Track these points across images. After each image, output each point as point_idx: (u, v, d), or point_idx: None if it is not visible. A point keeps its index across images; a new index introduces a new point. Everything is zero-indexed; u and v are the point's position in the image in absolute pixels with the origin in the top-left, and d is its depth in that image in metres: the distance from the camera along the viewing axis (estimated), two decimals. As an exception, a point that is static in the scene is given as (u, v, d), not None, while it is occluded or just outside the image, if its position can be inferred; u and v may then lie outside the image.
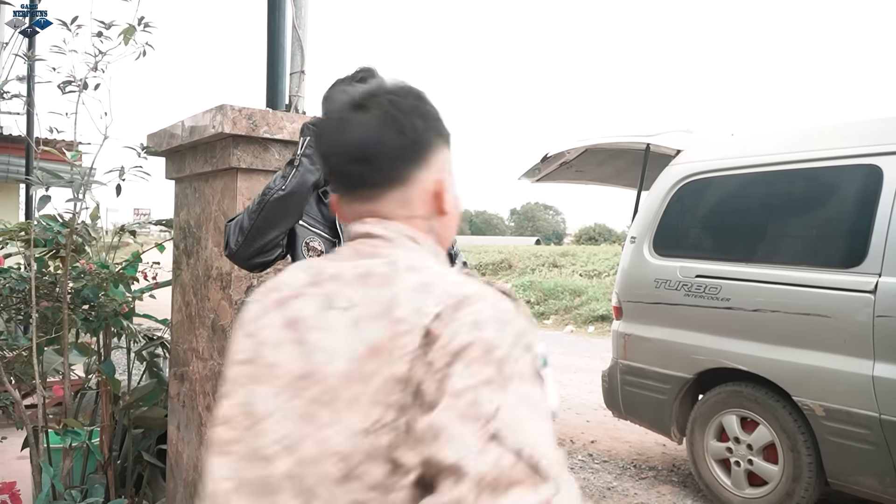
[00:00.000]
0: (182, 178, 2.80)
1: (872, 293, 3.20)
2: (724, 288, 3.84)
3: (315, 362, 0.84)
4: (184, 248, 2.78)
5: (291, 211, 1.74)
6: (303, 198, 1.74)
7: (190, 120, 2.48)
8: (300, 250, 1.79)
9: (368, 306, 0.83)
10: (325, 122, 1.01)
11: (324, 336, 0.85)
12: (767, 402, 3.66)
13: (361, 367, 0.80)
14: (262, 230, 1.72)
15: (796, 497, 3.53)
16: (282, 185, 1.71)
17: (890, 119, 3.51)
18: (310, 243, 1.80)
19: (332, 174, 0.96)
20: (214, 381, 2.41)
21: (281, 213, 1.72)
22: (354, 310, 0.84)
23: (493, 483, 0.69)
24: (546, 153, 5.74)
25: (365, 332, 0.81)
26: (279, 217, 1.73)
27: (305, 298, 0.90)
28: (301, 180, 1.72)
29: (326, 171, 0.97)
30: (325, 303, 0.87)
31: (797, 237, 3.74)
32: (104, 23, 2.55)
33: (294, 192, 1.71)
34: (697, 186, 4.22)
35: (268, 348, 0.89)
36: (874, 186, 3.35)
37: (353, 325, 0.83)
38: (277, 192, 1.70)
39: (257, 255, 1.76)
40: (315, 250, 1.79)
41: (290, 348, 0.87)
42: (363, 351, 0.80)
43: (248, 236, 1.73)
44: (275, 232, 1.73)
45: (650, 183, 4.59)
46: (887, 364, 3.14)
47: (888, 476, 3.17)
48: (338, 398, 0.81)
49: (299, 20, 2.64)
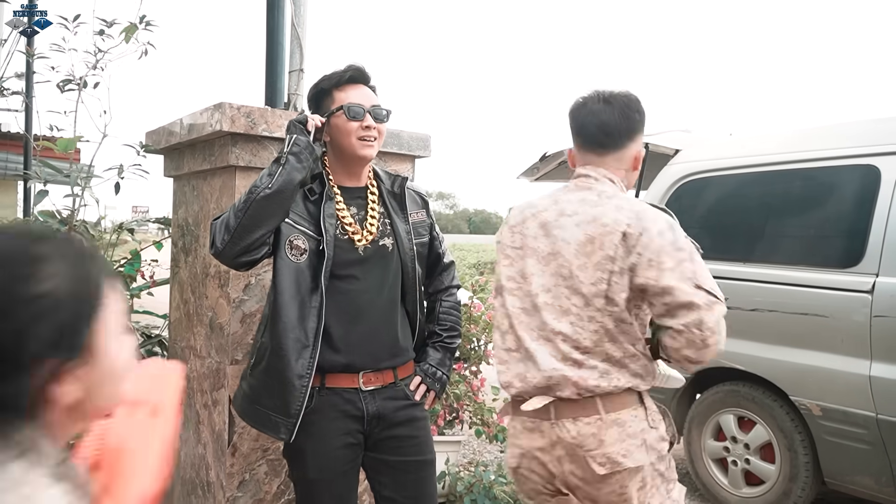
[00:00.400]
0: (180, 175, 2.80)
1: (870, 293, 3.20)
2: (722, 287, 3.83)
3: (558, 246, 1.70)
4: (182, 245, 2.79)
5: (277, 209, 1.74)
6: (289, 196, 1.74)
7: (188, 118, 2.48)
8: (283, 248, 1.78)
9: (585, 216, 1.68)
10: (581, 107, 1.79)
11: (561, 231, 1.70)
12: (765, 401, 3.66)
13: (583, 249, 1.66)
14: (249, 228, 1.71)
15: (793, 496, 3.54)
16: (268, 183, 1.70)
17: (888, 119, 3.52)
18: (293, 241, 1.79)
19: (582, 138, 1.79)
20: (212, 379, 2.42)
21: (268, 212, 1.72)
22: (577, 216, 1.70)
23: (707, 305, 1.62)
24: (545, 152, 5.73)
25: (585, 229, 1.67)
26: (266, 215, 1.72)
27: (548, 211, 1.76)
28: (288, 178, 1.71)
29: (578, 137, 1.80)
30: (559, 213, 1.73)
31: (795, 237, 3.74)
32: (106, 21, 2.55)
33: (280, 190, 1.71)
34: (696, 186, 4.22)
35: (530, 238, 1.76)
36: (872, 187, 3.35)
37: (576, 225, 1.69)
38: (264, 191, 1.69)
39: (243, 254, 1.75)
40: (298, 248, 1.78)
41: (543, 238, 1.74)
42: (584, 240, 1.66)
43: (234, 235, 1.72)
44: (261, 230, 1.73)
45: (649, 182, 4.58)
46: (884, 364, 3.14)
47: (884, 475, 3.17)
48: (572, 265, 1.67)
49: (298, 18, 2.64)
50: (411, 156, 2.64)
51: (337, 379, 1.83)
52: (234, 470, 2.29)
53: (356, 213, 1.89)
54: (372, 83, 1.92)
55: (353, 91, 1.86)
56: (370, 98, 1.88)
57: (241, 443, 2.30)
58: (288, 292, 1.77)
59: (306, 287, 1.78)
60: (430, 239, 2.05)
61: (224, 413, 2.30)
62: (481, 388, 3.78)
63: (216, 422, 2.37)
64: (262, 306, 2.33)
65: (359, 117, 1.82)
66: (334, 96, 1.86)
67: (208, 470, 2.43)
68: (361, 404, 1.84)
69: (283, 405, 1.76)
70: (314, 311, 1.77)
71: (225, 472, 2.28)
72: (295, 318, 1.76)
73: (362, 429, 1.86)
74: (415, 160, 2.67)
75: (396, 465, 1.89)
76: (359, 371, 1.84)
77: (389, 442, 1.89)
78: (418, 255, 1.96)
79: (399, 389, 1.91)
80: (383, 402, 1.86)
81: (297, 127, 1.79)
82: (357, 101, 1.83)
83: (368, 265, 1.86)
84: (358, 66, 1.89)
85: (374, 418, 1.85)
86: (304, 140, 1.76)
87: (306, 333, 1.76)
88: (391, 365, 1.89)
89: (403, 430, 1.90)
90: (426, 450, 1.95)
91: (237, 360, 2.29)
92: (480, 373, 3.82)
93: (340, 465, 1.83)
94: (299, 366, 1.75)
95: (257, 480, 2.33)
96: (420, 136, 2.63)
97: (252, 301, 2.32)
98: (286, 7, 2.67)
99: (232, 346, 2.29)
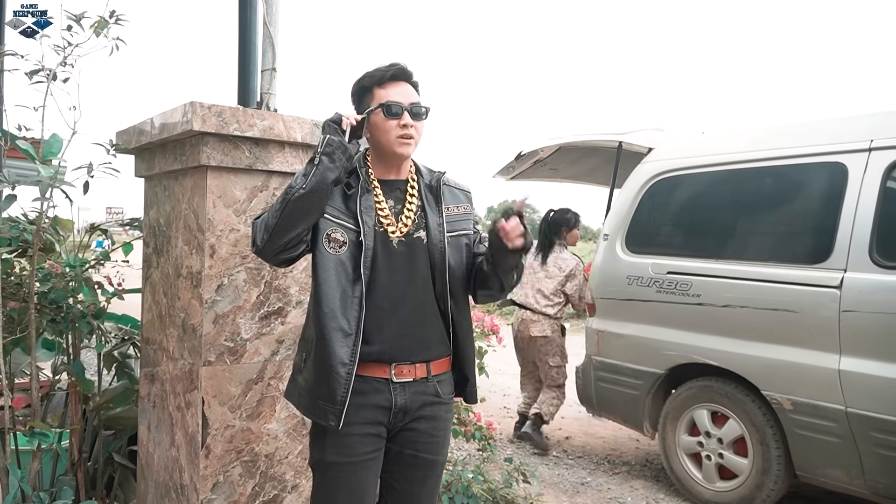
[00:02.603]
0: (152, 175, 2.76)
1: (838, 288, 3.26)
2: (694, 284, 3.89)
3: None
4: (154, 247, 2.76)
5: (313, 208, 1.78)
6: (323, 195, 1.77)
7: (159, 117, 2.45)
8: (321, 242, 1.82)
9: None
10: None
11: None
12: (737, 396, 3.71)
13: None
14: (286, 227, 1.76)
15: (766, 490, 3.59)
16: (303, 183, 1.74)
17: (855, 118, 3.58)
18: (331, 234, 1.82)
19: None
20: (185, 381, 2.39)
21: (303, 211, 1.76)
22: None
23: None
24: (520, 151, 5.77)
25: None
26: (301, 215, 1.76)
27: None
28: (321, 178, 1.74)
29: None
30: None
31: (766, 234, 3.80)
32: (74, 15, 2.50)
33: (314, 189, 1.74)
34: (668, 184, 4.27)
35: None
36: (840, 184, 3.41)
37: None
38: (299, 191, 1.74)
39: (283, 251, 1.80)
40: (337, 241, 1.82)
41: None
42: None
43: (273, 233, 1.76)
44: (298, 229, 1.77)
45: (623, 181, 4.63)
46: (853, 358, 3.20)
47: (854, 468, 3.23)
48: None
49: (270, 17, 2.62)
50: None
51: (369, 368, 1.84)
52: (207, 472, 2.27)
53: (393, 206, 1.91)
54: (415, 79, 1.94)
55: (394, 89, 1.87)
56: (410, 96, 1.88)
57: (214, 445, 2.28)
58: (328, 283, 1.80)
59: (347, 278, 1.81)
60: (474, 233, 2.03)
61: (197, 415, 2.28)
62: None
63: (189, 424, 2.35)
64: (234, 307, 2.32)
65: (397, 115, 1.84)
66: (375, 93, 1.88)
67: (181, 472, 2.40)
68: (391, 395, 1.84)
69: (330, 393, 1.79)
70: (356, 300, 1.80)
71: (198, 475, 2.26)
72: (337, 307, 1.79)
73: (387, 421, 1.87)
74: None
75: (407, 457, 1.91)
76: (390, 363, 1.85)
77: (406, 434, 1.90)
78: (453, 248, 1.94)
79: (430, 385, 1.91)
80: (413, 395, 1.87)
81: (332, 127, 1.81)
82: (396, 99, 1.85)
83: (403, 257, 1.88)
84: (401, 64, 1.90)
85: (400, 411, 1.86)
86: (336, 140, 1.78)
87: (349, 322, 1.79)
88: (424, 359, 1.89)
89: (423, 425, 1.90)
90: (440, 451, 1.96)
91: (210, 362, 2.27)
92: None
93: (360, 451, 1.84)
94: (343, 353, 1.78)
95: (231, 482, 2.32)
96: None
97: (225, 302, 2.30)
98: (258, 6, 2.65)
99: (205, 347, 2.27)
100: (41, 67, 2.52)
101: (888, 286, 3.12)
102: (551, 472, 4.57)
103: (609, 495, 4.14)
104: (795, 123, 3.94)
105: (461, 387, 2.02)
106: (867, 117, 3.52)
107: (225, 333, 2.30)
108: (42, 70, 2.52)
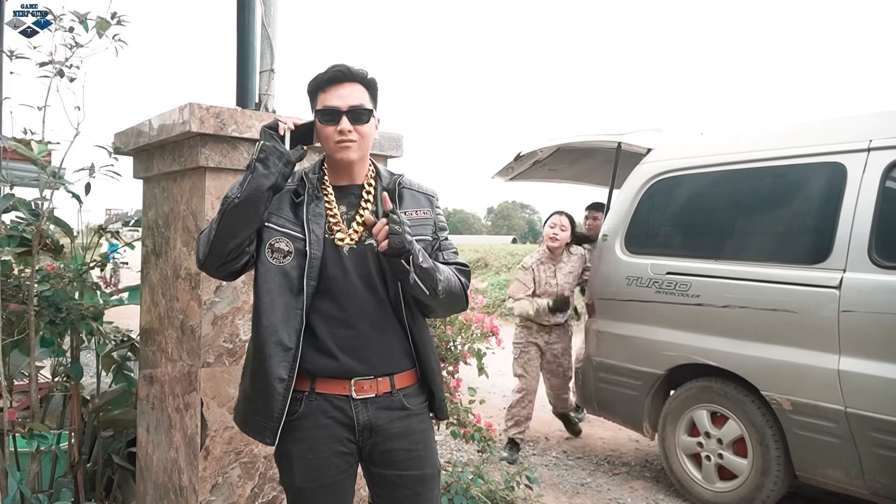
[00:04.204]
0: (150, 177, 2.77)
1: (837, 288, 3.26)
2: (693, 285, 3.89)
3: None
4: (152, 247, 2.76)
5: (250, 217, 1.71)
6: (259, 203, 1.70)
7: (157, 118, 2.45)
8: (264, 252, 1.76)
9: None
10: None
11: None
12: (737, 396, 3.71)
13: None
14: (224, 238, 1.70)
15: (765, 490, 3.59)
16: (238, 192, 1.68)
17: (854, 118, 3.58)
18: (274, 244, 1.75)
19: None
20: (184, 383, 2.39)
21: (239, 221, 1.70)
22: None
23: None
24: (519, 152, 5.76)
25: None
26: (238, 224, 1.70)
27: None
28: (256, 185, 1.68)
29: None
30: None
31: (765, 234, 3.80)
32: (78, 16, 2.50)
33: (249, 198, 1.68)
34: (667, 184, 4.27)
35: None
36: (839, 184, 3.41)
37: None
38: (234, 200, 1.68)
39: (224, 264, 1.73)
40: (281, 251, 1.75)
41: None
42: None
43: (212, 246, 1.71)
44: (237, 239, 1.71)
45: (622, 181, 4.63)
46: (852, 358, 3.20)
47: (853, 468, 3.23)
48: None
49: (268, 18, 2.62)
50: (383, 156, 2.64)
51: (327, 384, 1.77)
52: (206, 474, 2.27)
53: (346, 213, 1.83)
54: (368, 78, 1.84)
55: (333, 92, 1.78)
56: (349, 98, 1.78)
57: (213, 446, 2.28)
58: (270, 294, 1.73)
59: (291, 289, 1.74)
60: (433, 239, 1.92)
61: (196, 416, 2.28)
62: (457, 389, 3.78)
63: (188, 425, 2.35)
64: (233, 308, 2.32)
65: (334, 121, 1.76)
66: (318, 98, 1.81)
67: (181, 474, 2.40)
68: (352, 413, 1.77)
69: (267, 408, 1.73)
70: (298, 313, 1.73)
71: (197, 476, 2.26)
72: (278, 321, 1.73)
73: (354, 438, 1.79)
74: (387, 160, 2.67)
75: (391, 478, 1.82)
76: (351, 377, 1.77)
77: (385, 455, 1.81)
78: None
79: (395, 400, 1.82)
80: (376, 411, 1.79)
81: (267, 133, 1.76)
82: (334, 103, 1.77)
83: (354, 265, 1.79)
84: (339, 65, 1.81)
85: (365, 429, 1.78)
86: (269, 145, 1.72)
87: (289, 335, 1.72)
88: (387, 372, 1.81)
89: (399, 444, 1.81)
90: (425, 464, 1.85)
91: (209, 363, 2.27)
92: (458, 373, 3.82)
93: (329, 473, 1.77)
94: (280, 368, 1.71)
95: (230, 484, 2.32)
96: (392, 135, 2.63)
97: (223, 303, 2.30)
98: (256, 7, 2.65)
99: (203, 348, 2.26)
100: (51, 60, 2.51)
101: (887, 286, 3.12)
102: (551, 472, 4.56)
103: (609, 496, 4.14)
104: (794, 124, 3.94)
105: (429, 403, 1.92)
106: (866, 117, 3.52)
107: (224, 335, 2.30)
108: (52, 63, 2.51)
